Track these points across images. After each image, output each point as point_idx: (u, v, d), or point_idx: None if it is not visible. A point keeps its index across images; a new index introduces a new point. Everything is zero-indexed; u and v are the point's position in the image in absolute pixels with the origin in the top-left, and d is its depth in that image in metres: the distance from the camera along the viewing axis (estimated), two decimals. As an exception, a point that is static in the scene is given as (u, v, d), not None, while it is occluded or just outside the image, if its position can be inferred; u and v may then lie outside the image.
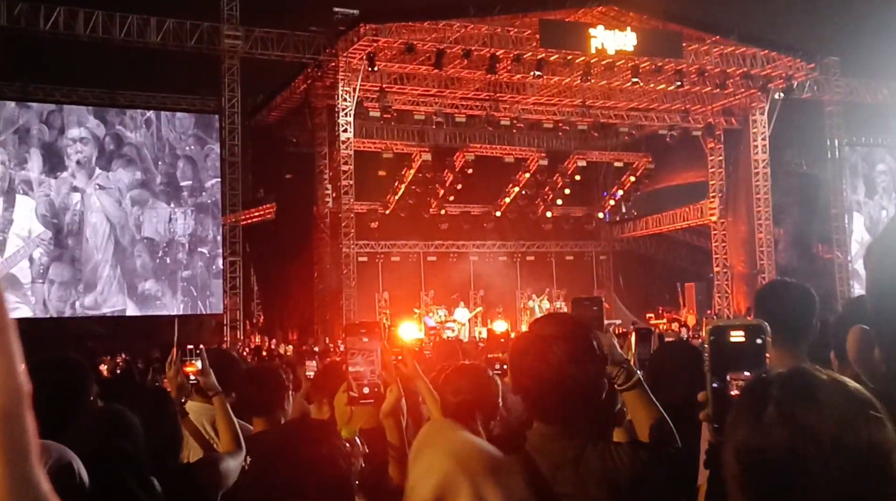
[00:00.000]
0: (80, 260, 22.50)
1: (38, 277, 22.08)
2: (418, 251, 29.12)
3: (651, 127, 28.02)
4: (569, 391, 2.14)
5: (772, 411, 1.22)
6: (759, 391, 1.26)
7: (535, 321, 2.38)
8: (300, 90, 25.32)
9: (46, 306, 22.20)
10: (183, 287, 23.61)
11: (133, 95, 25.68)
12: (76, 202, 22.53)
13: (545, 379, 2.15)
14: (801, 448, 1.17)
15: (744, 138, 27.64)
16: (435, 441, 2.03)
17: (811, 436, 1.17)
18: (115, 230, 22.73)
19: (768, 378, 1.27)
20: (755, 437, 1.22)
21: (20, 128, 22.18)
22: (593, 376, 2.19)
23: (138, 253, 22.91)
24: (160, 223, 23.41)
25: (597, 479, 2.11)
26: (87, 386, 2.97)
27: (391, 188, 28.50)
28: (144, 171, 23.34)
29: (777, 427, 1.20)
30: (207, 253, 24.07)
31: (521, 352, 2.25)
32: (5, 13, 20.91)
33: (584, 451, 2.15)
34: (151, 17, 22.30)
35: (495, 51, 22.76)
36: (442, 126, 26.73)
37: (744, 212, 27.85)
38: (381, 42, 22.22)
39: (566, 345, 2.17)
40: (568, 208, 31.40)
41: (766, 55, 24.99)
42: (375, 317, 25.96)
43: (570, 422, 2.18)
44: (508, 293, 28.70)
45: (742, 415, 1.26)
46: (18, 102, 22.67)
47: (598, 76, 24.01)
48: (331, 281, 23.89)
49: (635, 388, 2.34)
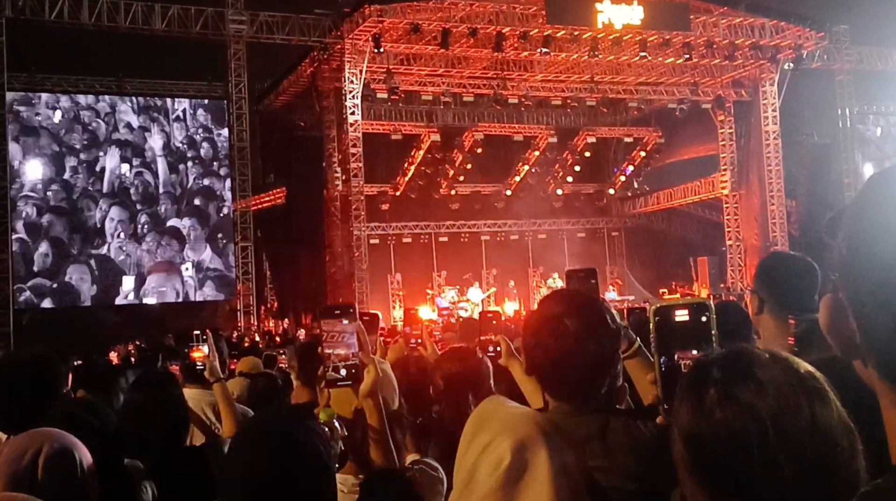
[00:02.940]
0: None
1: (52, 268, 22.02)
2: (429, 232, 29.11)
3: (660, 101, 27.83)
4: (586, 366, 2.14)
5: (712, 393, 1.21)
6: (700, 373, 1.25)
7: (544, 300, 2.37)
8: (307, 74, 25.27)
9: (63, 294, 22.12)
10: (195, 273, 23.64)
11: (140, 83, 25.71)
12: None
13: (561, 357, 2.14)
14: (743, 429, 1.16)
15: (754, 110, 27.43)
16: (492, 413, 2.03)
17: (752, 416, 1.16)
18: (129, 218, 22.79)
19: (708, 360, 1.27)
20: (697, 420, 1.21)
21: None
22: (608, 348, 2.19)
23: (152, 240, 22.88)
24: (172, 211, 23.45)
25: (625, 449, 2.12)
26: (58, 380, 3.01)
27: (401, 170, 28.47)
28: (152, 157, 23.37)
29: (718, 409, 1.19)
30: (219, 239, 24.13)
31: (534, 332, 2.24)
32: (9, 3, 20.92)
33: (608, 423, 2.16)
34: (156, 4, 22.26)
35: (501, 28, 22.61)
36: (450, 106, 26.65)
37: (756, 184, 27.69)
38: (387, 23, 22.11)
39: (578, 320, 2.16)
40: (578, 185, 31.30)
41: (774, 25, 24.74)
42: (388, 299, 26.04)
43: (589, 397, 2.18)
44: (521, 272, 28.69)
45: (684, 398, 1.25)
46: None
47: (605, 51, 23.85)
48: (342, 264, 23.95)
49: (637, 355, 2.36)
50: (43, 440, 2.12)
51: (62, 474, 2.09)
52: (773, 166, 27.02)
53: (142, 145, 23.10)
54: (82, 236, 21.89)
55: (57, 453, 2.11)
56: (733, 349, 1.27)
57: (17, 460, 2.06)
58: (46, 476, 2.05)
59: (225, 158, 24.24)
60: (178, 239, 22.91)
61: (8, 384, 2.86)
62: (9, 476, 2.03)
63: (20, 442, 2.13)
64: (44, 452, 2.08)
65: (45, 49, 23.89)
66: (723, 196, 28.61)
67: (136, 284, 22.36)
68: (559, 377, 2.19)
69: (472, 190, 29.76)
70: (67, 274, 21.67)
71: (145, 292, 22.61)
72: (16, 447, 2.11)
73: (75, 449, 2.15)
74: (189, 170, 23.67)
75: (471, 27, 22.27)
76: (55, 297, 21.58)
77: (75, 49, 24.11)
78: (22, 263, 21.26)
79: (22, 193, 21.48)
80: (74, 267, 21.67)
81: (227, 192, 23.98)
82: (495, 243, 29.85)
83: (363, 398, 2.54)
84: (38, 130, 21.90)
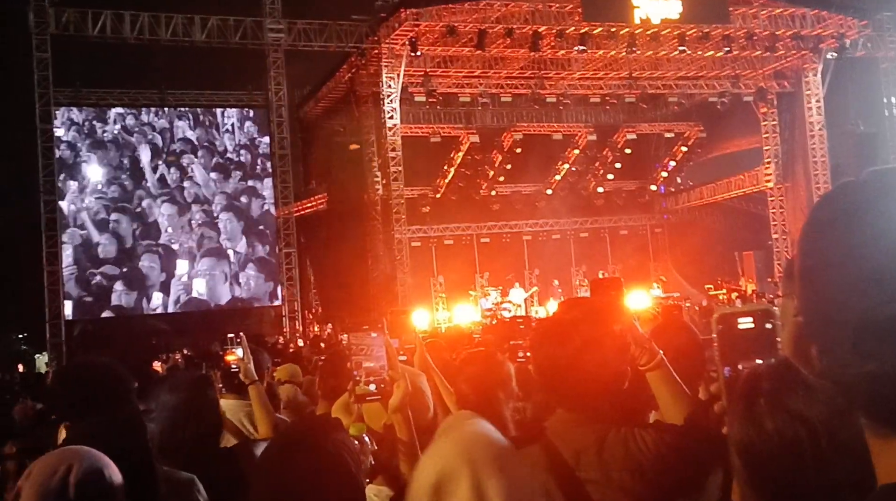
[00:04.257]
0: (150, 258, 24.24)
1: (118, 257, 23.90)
2: (471, 234, 29.10)
3: (701, 95, 27.52)
4: (587, 377, 2.12)
5: (762, 403, 1.21)
6: (749, 385, 1.26)
7: (559, 306, 2.37)
8: (345, 80, 25.43)
9: (131, 279, 23.87)
10: (242, 281, 24.70)
11: (182, 94, 26.09)
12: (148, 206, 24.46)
13: (563, 365, 2.14)
14: (794, 437, 1.15)
15: (798, 101, 27.00)
16: (447, 431, 2.03)
17: (803, 423, 1.16)
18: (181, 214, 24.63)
19: (758, 371, 1.27)
20: (748, 431, 1.21)
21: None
22: (613, 361, 2.16)
23: (201, 232, 24.60)
24: (220, 208, 25.03)
25: (620, 464, 2.09)
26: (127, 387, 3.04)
27: (440, 172, 28.51)
28: (205, 164, 25.08)
29: (768, 418, 1.20)
30: (260, 230, 24.87)
31: (541, 338, 2.24)
32: (54, 20, 21.37)
33: (606, 436, 2.13)
34: (196, 16, 22.60)
35: (537, 27, 22.53)
36: (488, 107, 26.62)
37: (801, 176, 27.24)
38: (423, 26, 22.17)
39: (585, 330, 2.14)
40: (620, 183, 31.07)
41: (816, 15, 24.32)
42: (432, 301, 26.08)
43: (590, 408, 2.16)
44: (564, 271, 28.55)
45: (735, 410, 1.25)
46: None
47: (643, 47, 23.62)
48: (385, 268, 24.03)
49: (658, 368, 2.29)
50: (73, 458, 2.15)
51: (93, 493, 2.12)
52: (819, 157, 26.58)
53: (195, 154, 25.00)
54: (142, 230, 24.12)
55: (88, 471, 2.14)
56: (783, 358, 1.26)
57: (48, 478, 2.09)
58: (78, 495, 2.09)
59: (268, 164, 25.12)
60: (224, 231, 24.88)
61: (82, 383, 2.88)
62: (40, 494, 2.07)
63: (50, 461, 2.17)
64: (74, 470, 2.11)
65: (89, 63, 24.38)
66: (767, 189, 28.20)
67: (189, 267, 24.30)
68: (560, 386, 2.18)
69: (512, 190, 29.70)
70: (137, 261, 23.95)
71: (197, 274, 24.35)
72: (46, 465, 2.15)
73: (105, 468, 2.18)
74: (235, 174, 25.26)
75: (507, 27, 22.23)
76: (125, 280, 23.68)
77: (117, 63, 24.60)
78: (90, 253, 23.48)
79: (93, 195, 23.76)
80: (132, 254, 24.02)
81: (267, 191, 25.32)
82: (537, 242, 29.75)
83: (392, 413, 2.54)
84: (105, 143, 24.19)
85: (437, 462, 1.84)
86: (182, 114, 25.14)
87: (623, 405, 2.19)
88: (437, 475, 1.80)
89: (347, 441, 2.06)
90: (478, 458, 1.82)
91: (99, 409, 2.69)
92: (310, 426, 2.37)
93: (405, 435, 2.54)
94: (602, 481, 2.06)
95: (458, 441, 1.91)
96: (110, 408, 2.78)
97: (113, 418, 2.75)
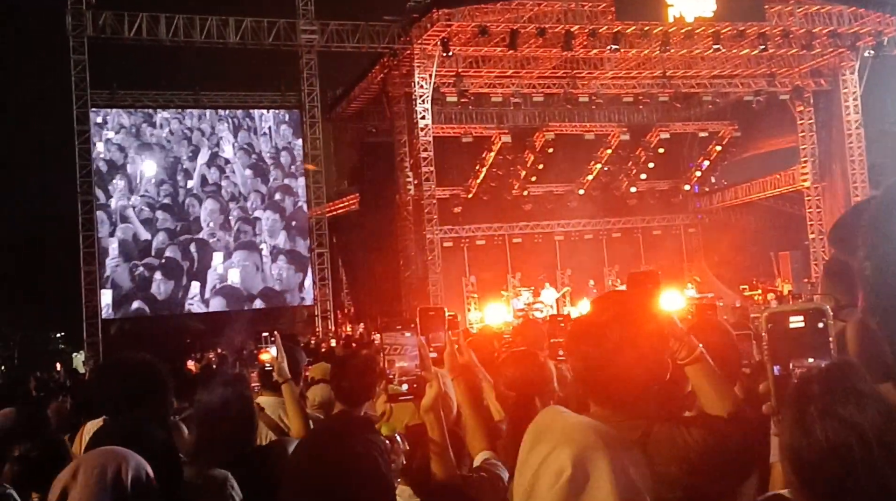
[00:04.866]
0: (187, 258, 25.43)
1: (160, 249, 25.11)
2: (503, 234, 29.04)
3: (736, 94, 27.25)
4: (627, 374, 2.10)
5: (813, 410, 1.21)
6: (802, 390, 1.25)
7: (592, 302, 2.33)
8: (377, 80, 25.51)
9: (155, 303, 24.84)
10: (273, 272, 25.65)
11: (216, 95, 26.34)
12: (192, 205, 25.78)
13: (601, 364, 2.11)
14: (844, 443, 1.14)
15: (834, 99, 26.64)
16: (551, 426, 1.97)
17: (853, 429, 1.14)
18: (220, 211, 25.81)
19: (810, 375, 1.26)
20: (797, 436, 1.21)
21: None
22: (653, 355, 2.13)
23: (237, 228, 25.73)
24: (256, 205, 25.99)
25: (666, 458, 2.07)
26: (165, 384, 3.06)
27: (472, 172, 28.49)
28: (245, 164, 26.15)
29: (819, 425, 1.19)
30: (293, 226, 25.51)
31: (576, 336, 2.21)
32: (90, 23, 21.66)
33: (650, 432, 2.11)
34: (230, 18, 22.80)
35: (570, 27, 22.43)
36: (520, 107, 26.56)
37: (839, 175, 26.89)
38: (455, 26, 22.17)
39: (619, 327, 2.12)
40: (653, 182, 30.84)
41: (853, 12, 23.97)
42: (463, 301, 26.07)
43: (631, 404, 2.13)
44: (596, 272, 28.40)
45: (786, 415, 1.25)
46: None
47: (677, 45, 23.44)
48: (417, 268, 24.07)
49: (698, 362, 2.25)
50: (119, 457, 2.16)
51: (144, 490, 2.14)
52: (857, 156, 26.22)
53: (233, 155, 26.07)
54: (183, 226, 25.42)
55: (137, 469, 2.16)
56: (835, 363, 1.26)
57: (101, 475, 2.10)
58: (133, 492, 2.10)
59: (301, 164, 25.73)
60: (259, 226, 26.02)
61: (124, 379, 2.90)
62: (98, 491, 2.07)
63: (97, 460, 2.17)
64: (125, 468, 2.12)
65: (124, 65, 24.72)
66: (804, 189, 27.86)
67: (224, 258, 25.48)
68: (599, 384, 2.15)
69: (544, 190, 29.60)
70: (177, 253, 25.20)
71: (231, 265, 25.52)
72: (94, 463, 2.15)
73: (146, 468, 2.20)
74: (271, 174, 26.25)
75: (539, 27, 22.15)
76: (163, 270, 24.96)
77: (152, 64, 24.93)
78: (135, 247, 24.76)
79: (140, 193, 25.08)
80: (173, 248, 25.33)
81: (300, 190, 26.10)
82: (569, 242, 29.62)
83: (424, 413, 2.52)
84: (152, 145, 25.42)
85: (569, 448, 1.78)
86: (223, 118, 26.10)
87: (665, 400, 2.16)
88: (573, 460, 1.76)
89: (378, 441, 2.06)
90: (609, 442, 1.80)
91: (138, 406, 2.71)
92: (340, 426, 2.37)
93: (437, 435, 2.52)
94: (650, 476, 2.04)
95: (580, 426, 1.86)
96: (149, 405, 2.81)
97: (151, 415, 2.78)
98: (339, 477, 1.92)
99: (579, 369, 2.20)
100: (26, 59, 40.48)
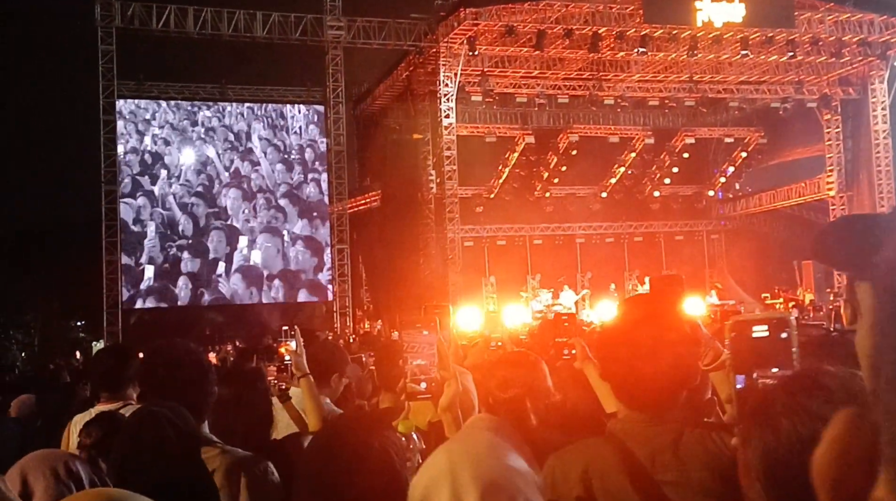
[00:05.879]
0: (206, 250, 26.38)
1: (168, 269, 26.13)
2: (524, 235, 28.99)
3: (763, 100, 27.04)
4: (658, 378, 2.06)
5: (779, 406, 1.20)
6: (767, 395, 1.25)
7: (622, 305, 2.30)
8: (402, 78, 25.52)
9: (176, 295, 25.60)
10: (292, 255, 26.32)
11: (242, 89, 26.45)
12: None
13: (633, 367, 2.08)
14: (812, 434, 1.12)
15: (863, 108, 26.39)
16: (455, 439, 1.98)
17: (821, 421, 1.11)
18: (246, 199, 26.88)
19: (775, 383, 1.29)
20: (767, 436, 1.20)
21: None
22: (684, 359, 2.10)
23: (262, 214, 26.75)
24: (280, 195, 26.84)
25: (699, 463, 2.03)
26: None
27: (495, 172, 28.45)
28: (274, 159, 27.05)
29: (786, 419, 1.18)
30: (316, 242, 24.99)
31: (609, 340, 2.18)
32: (119, 14, 21.82)
33: (681, 436, 2.07)
34: (258, 12, 22.90)
35: (597, 29, 22.35)
36: (545, 108, 26.49)
37: (865, 185, 26.63)
38: (482, 26, 22.14)
39: (652, 330, 2.08)
40: (676, 187, 30.68)
41: (884, 21, 23.74)
42: (482, 301, 26.02)
43: (662, 408, 2.10)
44: (617, 275, 28.27)
45: (752, 421, 1.24)
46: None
47: (705, 50, 23.30)
48: (437, 266, 24.06)
49: (724, 367, 2.18)
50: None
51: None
52: (884, 167, 25.96)
53: (264, 150, 27.05)
54: (214, 212, 26.74)
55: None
56: (800, 369, 1.28)
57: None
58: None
59: (325, 160, 26.01)
60: (282, 214, 27.10)
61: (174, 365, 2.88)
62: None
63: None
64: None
65: (150, 57, 24.88)
66: (829, 198, 27.60)
67: (248, 242, 26.73)
68: (631, 387, 2.11)
69: (566, 192, 29.50)
70: (206, 236, 26.58)
71: (254, 247, 26.72)
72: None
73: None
74: (297, 167, 27.02)
75: (566, 28, 22.08)
76: (192, 250, 26.29)
77: (179, 56, 25.07)
78: (171, 229, 26.18)
79: (180, 182, 26.55)
80: (203, 231, 26.79)
81: (323, 184, 26.64)
82: (590, 245, 29.51)
83: (442, 412, 2.50)
84: (192, 140, 26.75)
85: (428, 471, 1.80)
86: (258, 116, 27.02)
87: (694, 404, 2.13)
88: (427, 481, 1.78)
89: (394, 438, 2.04)
90: (463, 475, 1.79)
91: (184, 394, 2.69)
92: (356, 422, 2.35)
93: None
94: (681, 482, 2.00)
95: (455, 452, 1.87)
96: (195, 394, 2.79)
97: (196, 403, 2.76)
98: (352, 472, 1.91)
99: (612, 371, 2.16)
100: (54, 51, 40.93)
